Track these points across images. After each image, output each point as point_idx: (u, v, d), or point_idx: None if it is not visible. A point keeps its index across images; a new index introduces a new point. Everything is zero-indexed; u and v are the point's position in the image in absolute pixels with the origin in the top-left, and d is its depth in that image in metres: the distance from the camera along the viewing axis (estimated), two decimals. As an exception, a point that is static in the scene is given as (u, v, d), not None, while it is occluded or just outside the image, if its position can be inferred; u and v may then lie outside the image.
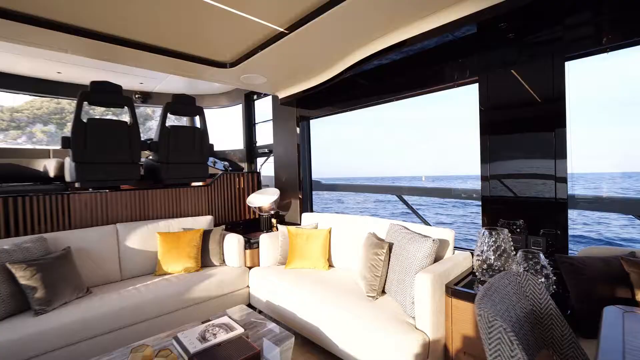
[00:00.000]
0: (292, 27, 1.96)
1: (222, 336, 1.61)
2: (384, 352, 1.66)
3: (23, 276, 1.91)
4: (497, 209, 2.04)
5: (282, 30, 2.00)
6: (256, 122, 4.65)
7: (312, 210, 3.73)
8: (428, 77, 2.46)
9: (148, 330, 2.14)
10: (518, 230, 1.93)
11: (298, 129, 3.61)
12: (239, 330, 1.67)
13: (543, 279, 1.51)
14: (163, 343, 1.64)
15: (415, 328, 1.67)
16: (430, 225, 2.56)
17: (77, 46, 2.17)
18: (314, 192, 3.81)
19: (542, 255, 1.54)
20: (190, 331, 1.67)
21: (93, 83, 2.75)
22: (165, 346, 1.58)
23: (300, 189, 3.63)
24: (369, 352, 1.74)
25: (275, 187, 3.90)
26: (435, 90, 2.45)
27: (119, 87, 2.89)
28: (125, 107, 2.94)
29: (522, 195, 1.92)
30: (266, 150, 4.42)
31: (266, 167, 4.53)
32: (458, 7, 1.74)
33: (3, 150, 4.05)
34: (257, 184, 3.95)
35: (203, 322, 1.77)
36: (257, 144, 4.65)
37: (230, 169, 4.71)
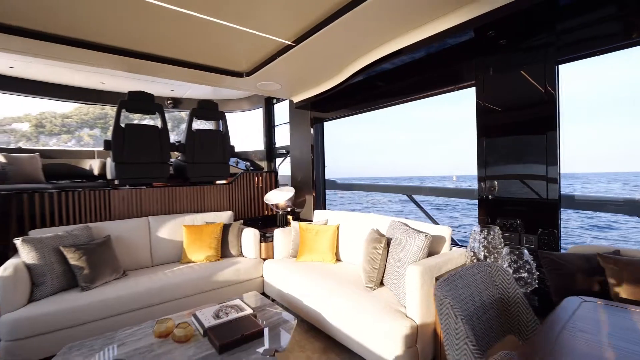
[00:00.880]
0: (298, 40, 2.16)
1: (233, 315, 1.85)
2: (378, 337, 1.81)
3: (72, 257, 2.28)
4: (494, 209, 2.10)
5: (289, 43, 2.20)
6: (275, 124, 4.93)
7: (324, 208, 3.91)
8: (434, 79, 2.56)
9: (173, 309, 2.43)
10: (513, 229, 2.00)
11: (312, 130, 3.81)
12: (248, 311, 1.90)
13: (526, 274, 1.59)
14: (184, 319, 1.90)
15: (406, 316, 1.80)
16: (438, 224, 2.65)
17: (114, 62, 2.53)
18: (333, 192, 3.99)
19: (525, 252, 1.62)
20: (207, 310, 1.92)
21: (130, 93, 3.12)
22: (185, 321, 1.84)
23: (313, 187, 3.83)
24: (365, 337, 1.89)
25: (292, 186, 4.12)
26: (437, 93, 2.54)
27: (151, 95, 3.25)
28: (157, 113, 3.31)
29: (517, 196, 1.98)
30: (284, 151, 4.67)
31: (285, 167, 4.79)
32: (453, 15, 1.84)
33: (56, 151, 4.63)
34: (274, 183, 4.21)
35: (219, 304, 2.02)
36: (276, 145, 4.92)
37: (251, 168, 5.02)
